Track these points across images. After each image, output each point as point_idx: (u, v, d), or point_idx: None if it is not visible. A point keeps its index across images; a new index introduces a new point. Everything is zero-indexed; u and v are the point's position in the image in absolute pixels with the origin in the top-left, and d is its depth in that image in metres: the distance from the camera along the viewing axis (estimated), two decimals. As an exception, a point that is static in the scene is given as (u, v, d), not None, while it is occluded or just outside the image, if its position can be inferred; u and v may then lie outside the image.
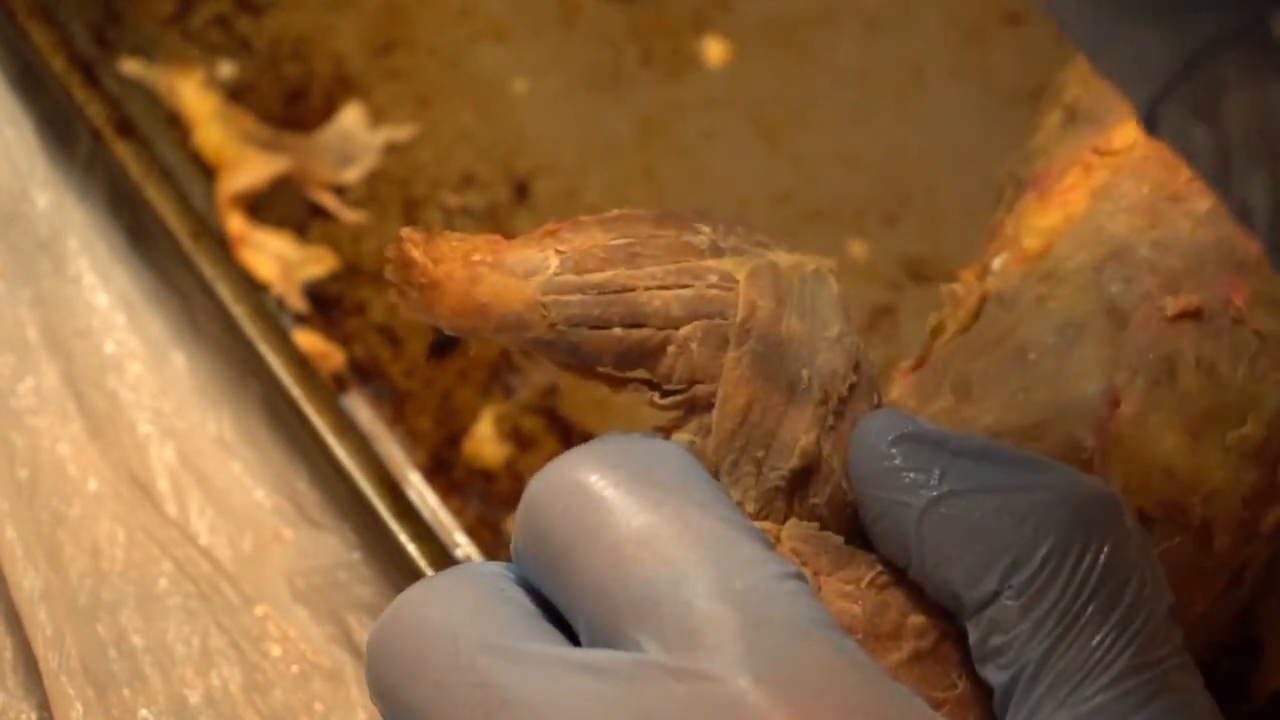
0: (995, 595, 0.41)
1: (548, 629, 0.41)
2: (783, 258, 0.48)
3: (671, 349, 0.46)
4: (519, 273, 0.45)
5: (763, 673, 0.38)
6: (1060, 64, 0.60)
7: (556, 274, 0.45)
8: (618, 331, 0.45)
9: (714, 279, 0.46)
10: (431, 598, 0.41)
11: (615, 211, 0.47)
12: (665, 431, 0.46)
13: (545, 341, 0.45)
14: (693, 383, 0.46)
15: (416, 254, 0.45)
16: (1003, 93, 0.77)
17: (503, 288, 0.45)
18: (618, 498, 0.41)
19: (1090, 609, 0.41)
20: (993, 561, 0.41)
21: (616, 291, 0.45)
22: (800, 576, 0.41)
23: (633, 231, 0.46)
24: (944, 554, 0.42)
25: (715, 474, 0.45)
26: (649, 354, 0.46)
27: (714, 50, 0.79)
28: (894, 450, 0.43)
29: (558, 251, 0.45)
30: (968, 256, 0.57)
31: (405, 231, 0.45)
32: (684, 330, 0.46)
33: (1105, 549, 0.41)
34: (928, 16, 0.79)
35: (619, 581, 0.40)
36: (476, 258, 0.45)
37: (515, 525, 0.42)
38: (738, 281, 0.46)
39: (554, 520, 0.41)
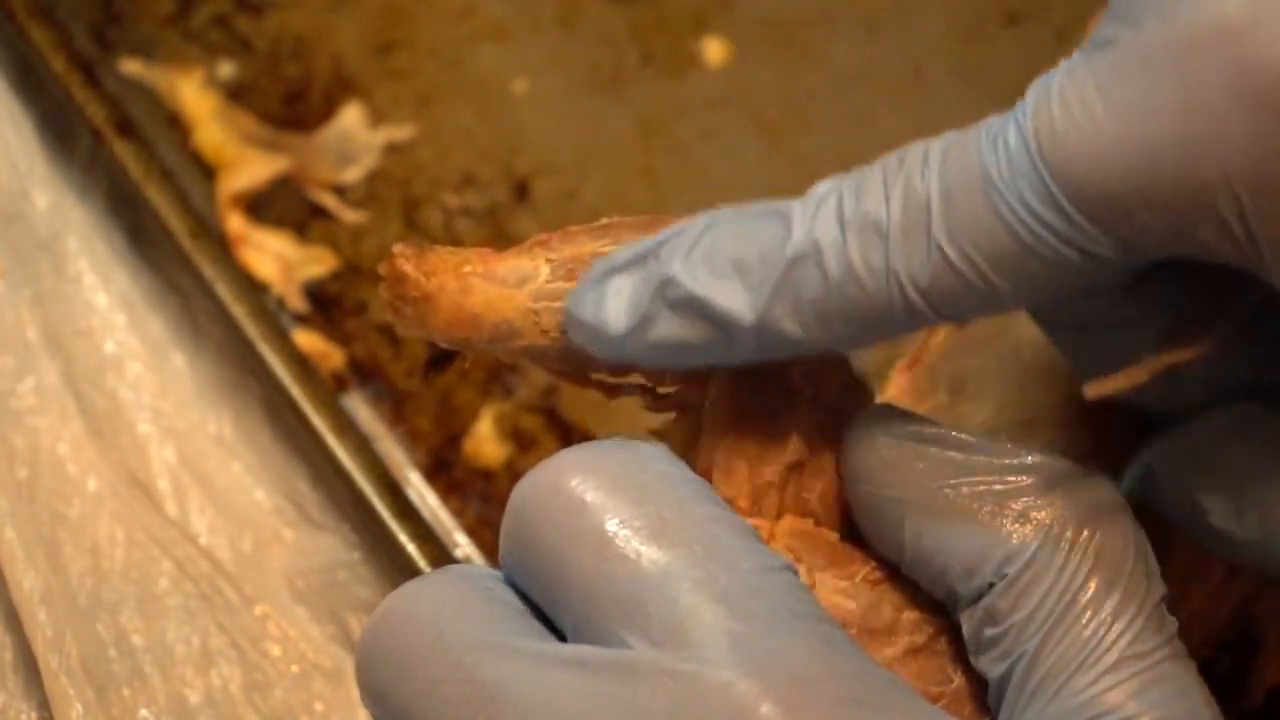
0: (988, 587, 0.41)
1: (536, 627, 0.41)
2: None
3: None
4: (510, 281, 0.45)
5: (749, 665, 0.38)
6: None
7: (548, 281, 0.45)
8: None
9: None
10: (420, 597, 0.42)
11: (604, 220, 0.48)
12: (661, 433, 0.46)
13: (538, 349, 0.45)
14: (686, 382, 0.46)
15: (408, 268, 0.45)
16: (1003, 93, 0.77)
17: (495, 297, 0.45)
18: (600, 500, 0.41)
19: (1083, 600, 0.41)
20: (985, 554, 0.41)
21: None
22: (790, 569, 0.41)
23: (622, 238, 0.47)
24: (936, 547, 0.42)
25: (709, 471, 0.45)
26: None
27: (714, 50, 0.79)
28: (885, 445, 0.43)
29: (548, 260, 0.46)
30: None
31: (396, 247, 0.45)
32: None
33: (1097, 540, 0.41)
34: (928, 16, 0.79)
35: (604, 581, 0.40)
36: (468, 269, 0.45)
37: (502, 532, 0.42)
38: None
39: (539, 524, 0.41)
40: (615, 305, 0.43)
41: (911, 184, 0.41)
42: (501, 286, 0.45)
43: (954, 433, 0.43)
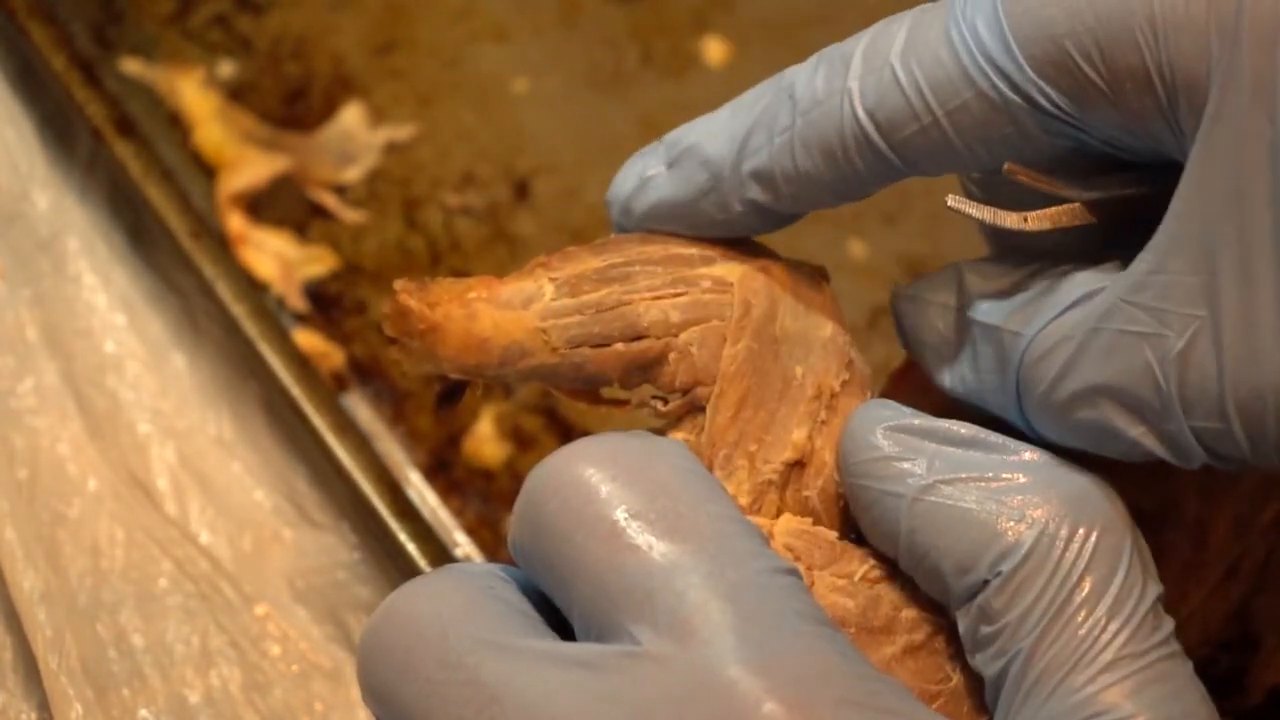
0: (983, 584, 0.41)
1: (538, 626, 0.41)
2: (774, 261, 0.48)
3: (673, 356, 0.46)
4: (516, 304, 0.45)
5: (753, 664, 0.38)
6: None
7: (553, 299, 0.45)
8: (619, 347, 0.46)
9: (708, 284, 0.47)
10: (422, 596, 0.41)
11: (602, 239, 0.48)
12: (661, 432, 0.46)
13: (549, 366, 0.45)
14: (695, 385, 0.46)
15: (412, 302, 0.45)
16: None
17: (502, 319, 0.45)
18: (615, 490, 0.41)
19: (1078, 599, 0.41)
20: (980, 550, 0.41)
21: (614, 307, 0.46)
22: (793, 572, 0.41)
23: (622, 251, 0.47)
24: (932, 543, 0.42)
25: (709, 468, 0.45)
26: (652, 364, 0.46)
27: (714, 50, 0.79)
28: (883, 440, 0.43)
29: (551, 279, 0.46)
30: (966, 255, 0.57)
31: (398, 283, 0.45)
32: (684, 336, 0.46)
33: (1093, 538, 0.41)
34: (928, 16, 0.79)
35: (615, 571, 0.40)
36: (472, 295, 0.45)
37: (513, 517, 0.42)
38: (731, 284, 0.47)
39: (552, 512, 0.41)
40: (630, 173, 0.47)
41: (889, 28, 0.44)
42: (508, 309, 0.45)
43: (951, 429, 0.43)
